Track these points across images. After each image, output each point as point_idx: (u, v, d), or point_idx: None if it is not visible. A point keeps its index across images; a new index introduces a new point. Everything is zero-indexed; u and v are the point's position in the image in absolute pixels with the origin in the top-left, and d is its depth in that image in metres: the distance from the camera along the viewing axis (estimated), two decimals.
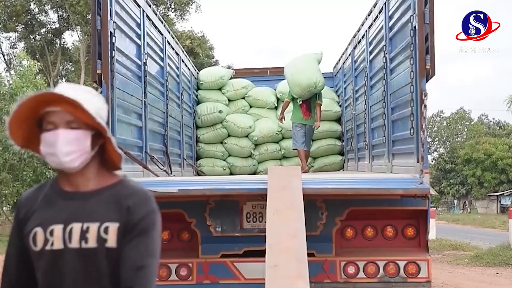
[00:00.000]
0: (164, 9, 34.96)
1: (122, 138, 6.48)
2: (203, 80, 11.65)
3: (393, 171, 7.08)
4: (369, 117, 8.70)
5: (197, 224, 6.06)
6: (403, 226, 6.22)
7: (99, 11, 5.91)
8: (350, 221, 6.15)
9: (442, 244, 17.93)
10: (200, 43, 36.38)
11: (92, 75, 6.01)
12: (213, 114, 11.18)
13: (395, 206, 6.05)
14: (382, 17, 7.70)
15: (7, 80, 24.61)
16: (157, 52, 8.52)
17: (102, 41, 5.92)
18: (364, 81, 8.88)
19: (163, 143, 8.60)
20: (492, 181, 58.96)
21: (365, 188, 5.78)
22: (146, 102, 7.50)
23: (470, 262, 14.17)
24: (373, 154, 8.58)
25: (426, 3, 5.70)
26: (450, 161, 66.81)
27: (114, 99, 6.16)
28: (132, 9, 7.13)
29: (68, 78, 39.54)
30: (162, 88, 8.70)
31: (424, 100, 5.67)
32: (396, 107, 7.10)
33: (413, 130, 6.04)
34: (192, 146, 11.08)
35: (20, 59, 25.13)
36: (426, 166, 5.68)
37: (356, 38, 9.62)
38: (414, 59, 5.96)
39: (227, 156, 11.38)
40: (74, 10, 32.11)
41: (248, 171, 11.19)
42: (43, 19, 35.90)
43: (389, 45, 7.38)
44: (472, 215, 52.58)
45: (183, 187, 5.81)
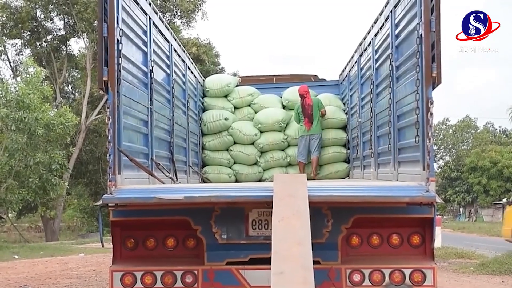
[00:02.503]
0: (170, 16, 35.03)
1: (128, 145, 6.49)
2: (209, 87, 11.67)
3: (399, 179, 7.07)
4: (375, 124, 8.69)
5: (203, 231, 6.06)
6: (408, 234, 6.21)
7: (106, 19, 5.92)
8: (356, 229, 6.14)
9: (448, 252, 17.89)
10: (206, 50, 36.41)
11: (99, 82, 6.01)
12: (219, 122, 11.20)
13: (401, 214, 6.03)
14: (388, 25, 7.70)
15: (13, 87, 24.65)
16: (164, 59, 8.53)
17: (108, 48, 5.93)
18: (370, 88, 8.87)
19: (169, 150, 8.61)
20: (497, 189, 58.69)
21: (371, 196, 5.78)
22: (152, 109, 7.51)
23: (475, 270, 14.13)
24: (379, 162, 8.57)
25: (433, 11, 5.69)
26: (455, 169, 66.61)
27: (121, 106, 6.17)
28: (139, 16, 7.15)
29: (74, 85, 39.65)
30: (168, 95, 8.71)
31: (430, 108, 5.66)
32: (402, 115, 7.09)
33: (419, 138, 6.03)
34: (198, 153, 11.09)
35: (27, 66, 25.19)
36: (432, 174, 5.67)
37: (362, 45, 9.62)
38: (420, 67, 5.96)
39: (232, 163, 11.40)
40: (81, 17, 32.18)
41: (254, 179, 11.21)
42: (49, 26, 35.98)
43: (395, 53, 7.38)
44: (478, 223, 52.41)
45: (189, 194, 5.81)
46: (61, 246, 24.18)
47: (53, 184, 23.81)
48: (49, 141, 23.64)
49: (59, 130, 23.13)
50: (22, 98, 22.36)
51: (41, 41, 36.04)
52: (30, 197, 23.60)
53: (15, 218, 36.91)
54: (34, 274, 13.45)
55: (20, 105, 22.40)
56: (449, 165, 68.58)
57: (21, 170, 23.39)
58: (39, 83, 23.75)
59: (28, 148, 22.73)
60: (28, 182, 23.12)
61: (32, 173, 23.09)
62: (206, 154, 11.36)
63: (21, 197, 23.22)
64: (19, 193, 23.02)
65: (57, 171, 23.92)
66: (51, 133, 23.14)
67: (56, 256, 18.45)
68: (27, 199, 23.76)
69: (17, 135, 22.28)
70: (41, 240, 33.00)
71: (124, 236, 6.22)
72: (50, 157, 23.15)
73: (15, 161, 22.81)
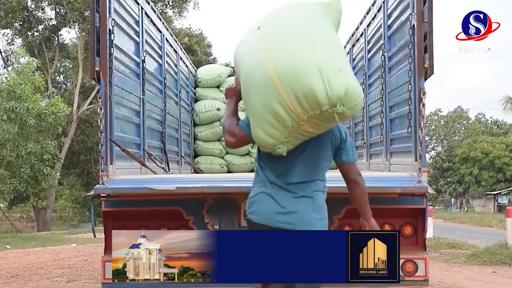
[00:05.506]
0: (162, 6, 34.86)
1: (120, 135, 6.48)
2: (201, 77, 11.63)
3: (391, 169, 7.08)
4: (367, 115, 8.70)
5: (195, 221, 6.05)
6: (400, 225, 6.21)
7: (98, 8, 5.89)
8: (348, 220, 6.13)
9: (439, 243, 17.95)
10: (198, 40, 36.29)
11: (91, 72, 6.00)
12: (211, 112, 11.17)
13: (392, 205, 6.03)
14: (380, 16, 7.70)
15: (4, 77, 24.58)
16: (156, 49, 8.51)
17: (100, 39, 5.90)
18: (362, 79, 8.87)
19: (161, 140, 8.60)
20: (489, 179, 58.97)
21: None
22: (144, 100, 7.50)
23: (467, 260, 14.18)
24: (371, 152, 8.59)
25: (425, 2, 5.69)
26: (447, 159, 66.85)
27: (113, 96, 6.16)
28: (131, 6, 7.12)
29: (66, 75, 39.49)
30: (160, 86, 8.69)
31: (422, 99, 5.67)
32: (394, 105, 7.10)
33: (411, 129, 6.04)
34: (190, 144, 11.07)
35: (18, 56, 25.10)
36: (424, 165, 5.68)
37: (354, 36, 9.61)
38: (413, 58, 5.96)
39: (225, 153, 11.38)
40: (72, 7, 32.03)
41: (246, 169, 11.20)
42: (40, 16, 35.81)
43: (387, 44, 7.38)
44: (469, 213, 52.65)
45: (181, 184, 5.80)
46: (53, 236, 24.14)
47: (45, 174, 23.80)
48: (40, 131, 23.61)
49: (50, 120, 23.10)
50: (13, 88, 22.32)
51: (33, 31, 35.85)
52: (21, 187, 23.59)
53: (7, 208, 36.80)
54: (25, 264, 13.42)
55: (11, 95, 22.36)
56: (441, 156, 68.82)
57: (12, 160, 23.37)
58: (30, 73, 23.69)
59: (20, 138, 22.69)
60: (20, 172, 23.10)
61: (24, 163, 23.08)
62: (198, 145, 11.34)
63: (13, 187, 23.22)
64: (11, 183, 23.01)
65: (49, 161, 23.90)
66: (42, 123, 23.11)
67: (48, 246, 18.41)
68: (19, 189, 23.75)
69: (8, 125, 22.24)
70: (33, 230, 32.91)
71: (116, 227, 6.21)
72: (41, 147, 23.13)
73: (6, 151, 22.77)
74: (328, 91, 3.66)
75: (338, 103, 3.68)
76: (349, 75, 3.85)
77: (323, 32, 3.96)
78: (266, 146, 3.99)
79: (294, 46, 3.80)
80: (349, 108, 3.72)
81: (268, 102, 3.81)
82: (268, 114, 3.84)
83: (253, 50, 3.99)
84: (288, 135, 3.87)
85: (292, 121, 3.79)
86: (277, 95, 3.75)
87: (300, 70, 3.71)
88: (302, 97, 3.70)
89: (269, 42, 3.91)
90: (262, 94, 3.85)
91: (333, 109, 3.68)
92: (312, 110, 3.72)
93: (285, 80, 3.72)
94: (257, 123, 3.95)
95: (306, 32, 3.89)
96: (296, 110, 3.74)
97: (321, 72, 3.68)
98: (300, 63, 3.73)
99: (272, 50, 3.85)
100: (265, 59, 3.83)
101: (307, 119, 3.76)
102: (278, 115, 3.80)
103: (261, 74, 3.83)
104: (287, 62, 3.76)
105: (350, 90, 3.71)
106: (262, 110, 3.87)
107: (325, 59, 3.75)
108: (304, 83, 3.68)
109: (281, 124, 3.82)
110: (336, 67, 3.76)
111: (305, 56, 3.75)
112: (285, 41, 3.85)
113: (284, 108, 3.76)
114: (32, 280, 11.16)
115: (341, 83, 3.70)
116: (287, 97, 3.73)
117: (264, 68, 3.81)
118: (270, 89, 3.77)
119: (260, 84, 3.85)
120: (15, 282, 10.89)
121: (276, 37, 3.91)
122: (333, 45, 3.94)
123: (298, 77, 3.70)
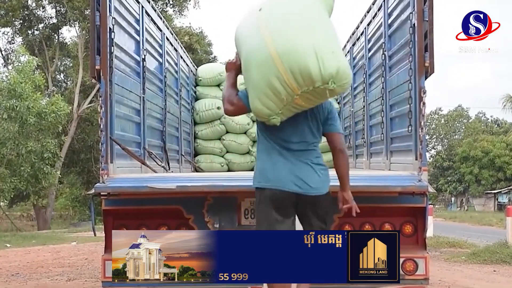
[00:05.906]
0: (163, 4, 34.84)
1: (121, 134, 6.48)
2: (202, 76, 11.63)
3: (391, 168, 7.07)
4: (368, 114, 8.69)
5: (195, 220, 6.05)
6: (401, 224, 6.20)
7: (98, 7, 5.89)
8: (348, 218, 6.12)
9: (440, 242, 17.95)
10: (199, 39, 36.27)
11: (91, 71, 5.99)
12: (211, 111, 11.16)
13: (393, 204, 6.03)
14: (381, 14, 7.69)
15: (5, 75, 24.56)
16: (156, 48, 8.50)
17: (101, 37, 5.90)
18: (362, 78, 8.87)
19: (161, 139, 8.59)
20: (489, 178, 58.96)
21: (363, 186, 5.76)
22: (144, 98, 7.49)
23: (467, 259, 14.18)
24: (371, 151, 8.58)
25: (426, 1, 5.69)
26: (447, 158, 66.84)
27: (113, 95, 6.16)
28: (131, 5, 7.11)
29: (67, 74, 39.47)
30: (160, 84, 8.68)
31: (422, 98, 5.67)
32: (394, 104, 7.09)
33: (412, 128, 6.04)
34: (190, 143, 11.06)
35: (18, 55, 25.08)
36: (424, 164, 5.69)
37: (355, 35, 9.61)
38: (413, 57, 5.96)
39: (225, 152, 11.38)
40: (72, 5, 32.00)
41: (246, 168, 11.19)
42: (41, 14, 35.78)
43: (388, 43, 7.37)
44: (469, 212, 52.59)
45: (181, 183, 5.80)
46: (53, 234, 24.13)
47: (45, 172, 23.78)
48: (41, 130, 23.58)
49: (51, 119, 23.08)
50: (13, 86, 22.30)
51: (33, 30, 35.83)
52: (22, 186, 23.58)
53: (7, 207, 36.79)
54: (26, 263, 13.43)
55: (11, 93, 22.34)
56: (441, 155, 68.82)
57: (13, 158, 23.35)
58: (31, 72, 23.67)
59: (20, 136, 22.68)
60: (20, 170, 23.09)
61: (24, 162, 23.06)
62: (198, 143, 11.33)
63: (13, 186, 23.20)
64: (11, 182, 22.99)
65: (49, 159, 23.88)
66: (43, 122, 23.09)
67: (48, 245, 18.42)
68: (19, 187, 23.73)
69: (8, 124, 22.23)
70: (33, 228, 32.92)
71: (117, 225, 6.20)
72: (42, 145, 23.12)
73: (7, 150, 22.76)
74: (322, 70, 4.20)
75: (330, 80, 4.22)
76: (341, 56, 4.41)
77: (319, 17, 4.50)
78: (262, 116, 4.50)
79: (293, 29, 4.33)
80: (339, 86, 4.28)
81: (267, 76, 4.33)
82: (266, 88, 4.36)
83: (255, 29, 4.50)
84: (283, 107, 4.39)
85: (287, 95, 4.31)
86: (276, 71, 4.28)
87: (297, 50, 4.24)
88: (298, 74, 4.23)
89: (270, 23, 4.41)
90: (262, 69, 4.37)
91: (325, 86, 4.23)
92: (306, 86, 4.25)
93: (284, 58, 4.25)
94: (256, 95, 4.47)
95: (304, 16, 4.42)
96: (292, 85, 4.27)
97: (316, 52, 4.22)
98: (298, 43, 4.25)
99: (273, 31, 4.36)
100: (266, 39, 4.34)
101: (301, 93, 4.29)
102: (275, 89, 4.31)
103: (262, 52, 4.34)
104: (287, 42, 4.28)
105: (341, 70, 4.27)
106: (261, 83, 4.39)
107: (320, 42, 4.29)
108: (300, 61, 4.22)
109: (277, 97, 4.34)
110: (330, 49, 4.30)
111: (302, 38, 4.27)
112: (285, 23, 4.37)
113: (281, 82, 4.28)
114: (32, 278, 11.16)
115: (334, 63, 4.24)
116: (284, 73, 4.25)
117: (265, 46, 4.32)
118: (270, 65, 4.29)
119: (261, 60, 4.36)
120: (15, 281, 10.90)
121: (277, 19, 4.42)
122: (327, 29, 4.48)
123: (296, 56, 4.23)
